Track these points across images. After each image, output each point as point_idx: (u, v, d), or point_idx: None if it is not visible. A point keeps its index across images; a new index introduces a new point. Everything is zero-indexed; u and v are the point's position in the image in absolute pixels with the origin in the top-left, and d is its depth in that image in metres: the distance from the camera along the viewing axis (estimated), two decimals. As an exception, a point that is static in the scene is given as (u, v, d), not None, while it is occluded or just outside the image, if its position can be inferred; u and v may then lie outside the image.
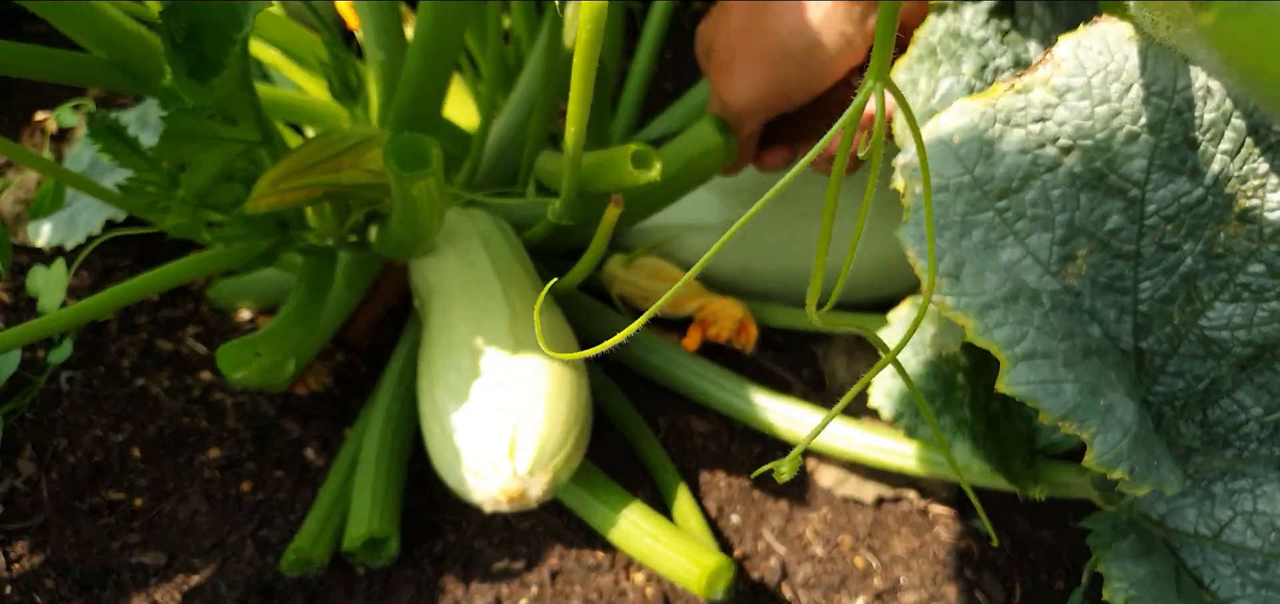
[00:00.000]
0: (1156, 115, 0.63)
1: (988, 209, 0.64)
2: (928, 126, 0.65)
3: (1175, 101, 0.63)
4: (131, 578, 0.89)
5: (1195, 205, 0.66)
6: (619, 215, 0.80)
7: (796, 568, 0.96)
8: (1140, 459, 0.62)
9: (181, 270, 0.88)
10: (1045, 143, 0.64)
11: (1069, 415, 0.60)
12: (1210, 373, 0.70)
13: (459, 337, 0.85)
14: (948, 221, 0.64)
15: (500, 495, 0.80)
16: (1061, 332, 0.63)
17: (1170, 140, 0.64)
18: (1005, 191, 0.65)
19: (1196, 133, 0.64)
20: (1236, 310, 0.67)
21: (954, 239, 0.64)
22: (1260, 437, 0.71)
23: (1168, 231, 0.66)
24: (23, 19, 1.35)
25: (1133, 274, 0.67)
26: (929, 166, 0.64)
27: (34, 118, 1.32)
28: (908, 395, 0.78)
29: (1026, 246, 0.65)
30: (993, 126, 0.64)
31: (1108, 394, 0.62)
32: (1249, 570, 0.71)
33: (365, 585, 0.91)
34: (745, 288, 1.12)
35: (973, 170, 0.64)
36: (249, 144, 0.74)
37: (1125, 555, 0.70)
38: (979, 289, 0.62)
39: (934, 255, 0.62)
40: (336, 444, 1.02)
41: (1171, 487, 0.64)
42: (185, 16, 0.66)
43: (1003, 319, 0.61)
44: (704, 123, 0.86)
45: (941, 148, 0.64)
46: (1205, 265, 0.67)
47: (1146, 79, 0.63)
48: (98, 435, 0.99)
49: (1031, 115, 0.64)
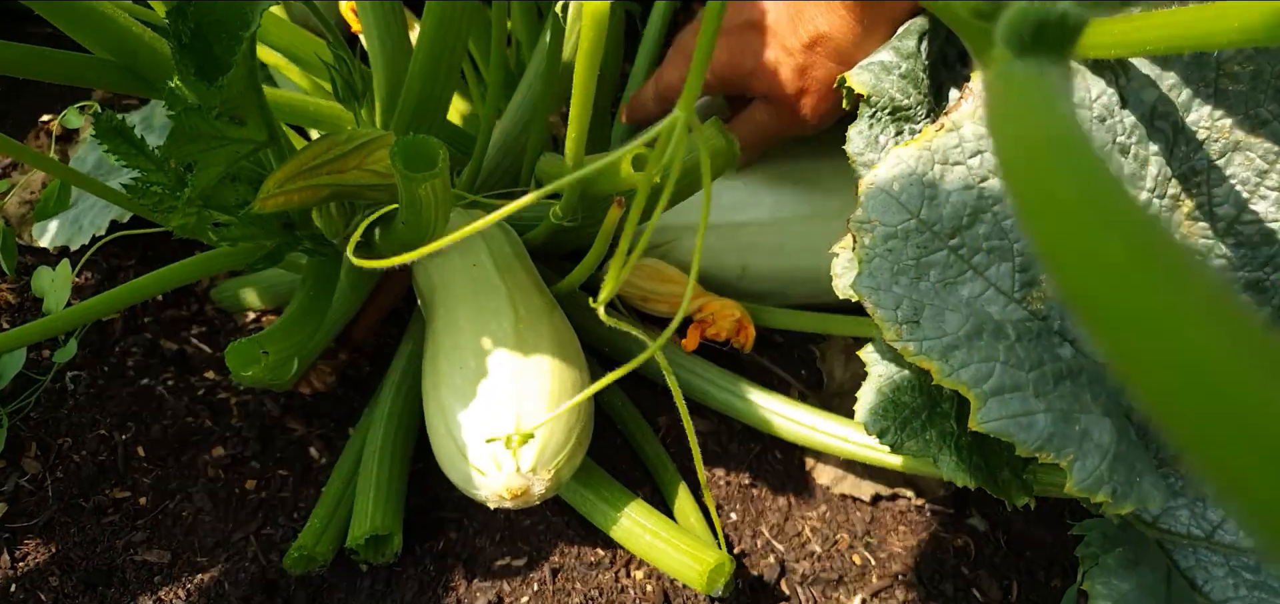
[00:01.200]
0: (1083, 128, 0.64)
1: (940, 249, 0.65)
2: (866, 179, 0.66)
3: (1095, 109, 0.64)
4: (136, 576, 0.90)
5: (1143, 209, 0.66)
6: (620, 217, 0.81)
7: (795, 565, 0.97)
8: (1121, 479, 0.63)
9: (186, 270, 0.88)
10: (988, 176, 0.64)
11: (1045, 445, 0.61)
12: None
13: (463, 336, 0.86)
14: (901, 267, 0.64)
15: (504, 493, 0.80)
16: (1029, 361, 0.63)
17: (1101, 147, 0.64)
18: (955, 229, 0.65)
19: (1123, 138, 0.64)
20: None
21: (910, 284, 0.64)
22: None
23: None
24: (27, 21, 1.36)
25: None
26: (876, 217, 0.64)
27: (39, 119, 1.32)
28: (892, 411, 0.79)
29: (987, 279, 0.65)
30: (932, 168, 0.64)
31: (1082, 418, 0.62)
32: (1241, 571, 0.72)
33: (368, 583, 0.92)
34: (744, 289, 1.13)
35: (918, 214, 0.64)
36: (256, 145, 0.74)
37: (1111, 570, 0.71)
38: (939, 331, 0.63)
39: (892, 304, 0.62)
40: (340, 443, 1.02)
41: (1154, 503, 0.64)
42: (192, 17, 0.67)
43: (967, 358, 0.61)
44: (707, 126, 0.87)
45: (883, 197, 0.65)
46: None
47: (1078, 97, 0.64)
48: (102, 434, 1.00)
49: (967, 150, 0.64)
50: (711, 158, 0.88)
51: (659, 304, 1.09)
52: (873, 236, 0.64)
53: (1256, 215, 0.65)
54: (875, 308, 0.63)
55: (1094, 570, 0.71)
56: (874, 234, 0.64)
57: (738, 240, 1.11)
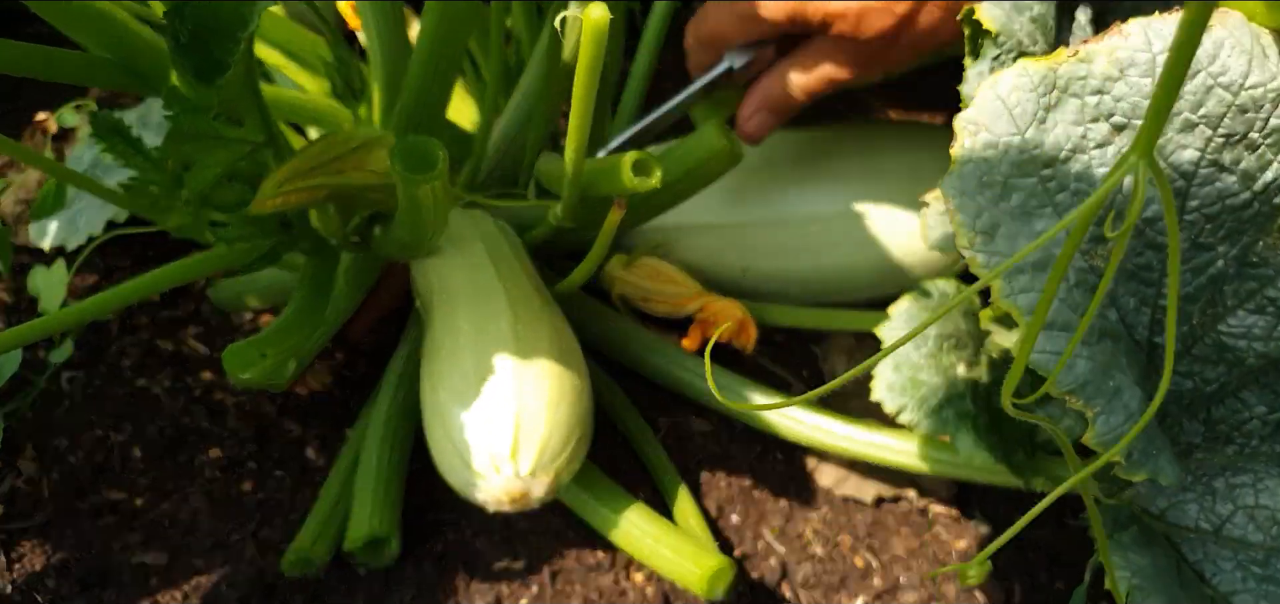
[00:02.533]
0: (1218, 108, 0.62)
1: (1032, 176, 0.64)
2: (987, 82, 0.64)
3: (1241, 98, 0.62)
4: (132, 578, 0.89)
5: (1239, 209, 0.64)
6: (621, 218, 0.81)
7: (796, 568, 0.96)
8: (1139, 446, 0.62)
9: (183, 270, 0.88)
10: (1099, 117, 0.63)
11: (1077, 390, 0.60)
12: (1220, 378, 0.70)
13: (462, 337, 0.86)
14: (989, 181, 0.63)
15: (503, 496, 0.80)
16: (1082, 308, 0.62)
17: (1227, 136, 0.63)
18: (1052, 161, 0.64)
19: (1256, 134, 0.62)
20: (1258, 322, 0.67)
21: (992, 200, 0.63)
22: (1263, 434, 0.71)
23: (1206, 230, 0.65)
24: (23, 19, 1.35)
25: (1160, 266, 0.67)
26: (984, 121, 0.63)
27: (35, 118, 1.32)
28: (909, 387, 0.78)
29: (1060, 220, 0.65)
30: (1051, 92, 0.63)
31: (1117, 377, 0.62)
32: (1250, 565, 0.71)
33: (366, 585, 0.91)
34: (745, 288, 1.12)
35: (1024, 133, 0.63)
36: (254, 145, 0.74)
37: (1128, 545, 0.70)
38: (1011, 251, 0.62)
39: (973, 215, 0.61)
40: (337, 444, 1.02)
41: (1168, 477, 0.64)
42: (190, 17, 0.67)
43: (1029, 285, 0.61)
44: (708, 127, 0.87)
45: (997, 104, 0.63)
46: (1236, 271, 0.66)
47: (1216, 68, 0.62)
48: (99, 435, 0.99)
49: (1090, 86, 0.63)
50: (712, 159, 0.88)
51: (659, 304, 1.09)
52: (975, 140, 0.63)
53: None
54: (956, 210, 0.62)
55: (1111, 544, 0.70)
56: (977, 139, 0.63)
57: (740, 240, 1.11)
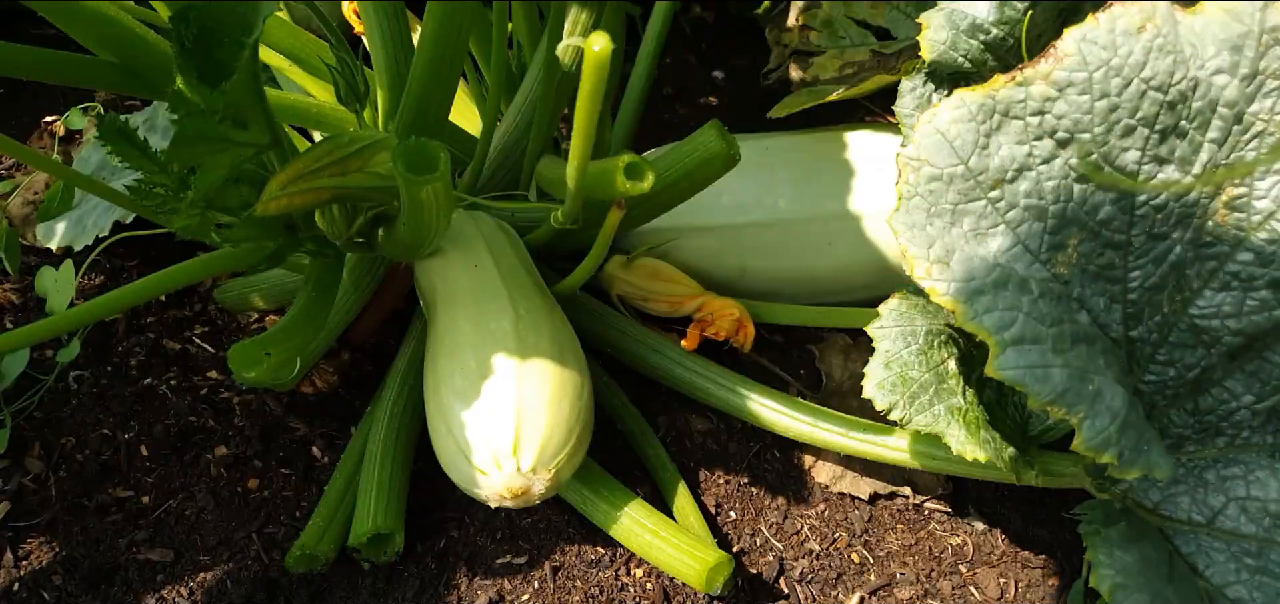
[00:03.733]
0: (1152, 109, 0.65)
1: (980, 198, 0.66)
2: (925, 116, 0.66)
3: (1170, 94, 0.65)
4: (139, 575, 0.90)
5: (1184, 194, 0.67)
6: (621, 219, 0.82)
7: (793, 563, 0.97)
8: (1129, 443, 0.63)
9: (189, 271, 0.89)
10: (1043, 135, 0.65)
11: (1058, 399, 0.62)
12: (1201, 361, 0.71)
13: (464, 337, 0.87)
14: (939, 210, 0.65)
15: (505, 492, 0.81)
16: (1050, 318, 0.64)
17: (1161, 132, 0.65)
18: (998, 182, 0.66)
19: (1185, 123, 0.65)
20: (1226, 299, 0.69)
21: (944, 227, 0.65)
22: (1252, 424, 0.72)
23: (1158, 220, 0.67)
24: (29, 21, 1.36)
25: (1123, 263, 0.69)
26: (925, 156, 0.65)
27: (43, 120, 1.33)
28: (899, 384, 0.79)
29: (1017, 235, 0.67)
30: (991, 118, 0.65)
31: (1096, 379, 0.64)
32: (1243, 556, 0.72)
33: (370, 581, 0.92)
34: (743, 288, 1.13)
35: (967, 161, 0.65)
36: (259, 148, 0.75)
37: (1114, 542, 0.71)
38: (968, 274, 0.64)
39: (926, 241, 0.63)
40: (342, 442, 1.03)
41: (1161, 471, 0.65)
42: (195, 21, 0.68)
43: (991, 305, 0.63)
44: (706, 130, 0.88)
45: (937, 138, 0.65)
46: (1194, 254, 0.68)
47: (1146, 74, 0.64)
48: (105, 434, 1.00)
49: (1030, 108, 0.65)
50: (710, 161, 0.89)
51: (659, 304, 1.10)
52: (918, 175, 0.65)
53: None
54: (908, 244, 0.64)
55: (1095, 541, 0.72)
56: (919, 173, 0.65)
57: (738, 241, 1.12)
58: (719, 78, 1.56)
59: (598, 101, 0.67)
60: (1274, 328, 0.69)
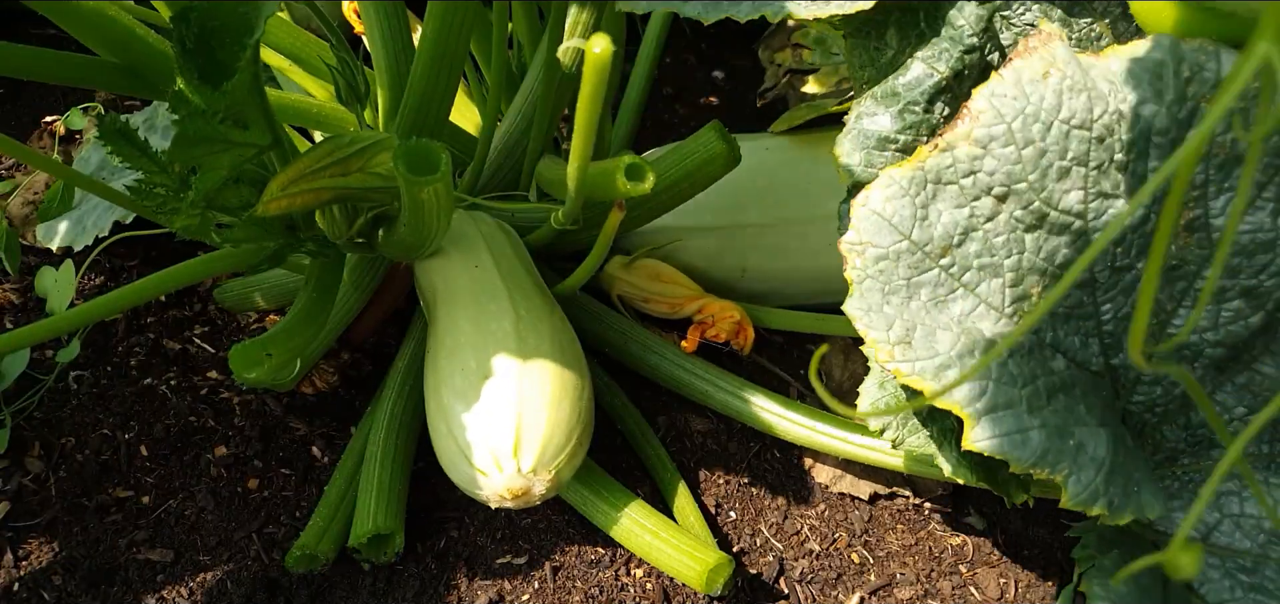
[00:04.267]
0: (1081, 146, 0.64)
1: (931, 268, 0.65)
2: (857, 202, 0.66)
3: (1095, 130, 0.64)
4: (139, 575, 0.90)
5: (1139, 225, 0.66)
6: (622, 219, 0.82)
7: (793, 564, 0.97)
8: (1118, 491, 0.63)
9: (190, 271, 0.89)
10: (980, 194, 0.65)
11: (1039, 462, 0.61)
12: None
13: (464, 337, 0.87)
14: (892, 287, 0.65)
15: (505, 493, 0.81)
16: (1022, 377, 0.63)
17: (1098, 166, 0.65)
18: (946, 248, 0.65)
19: (1120, 155, 0.65)
20: (1201, 315, 0.69)
21: (901, 303, 0.64)
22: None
23: (1119, 254, 0.67)
24: (30, 21, 1.36)
25: (1091, 299, 0.68)
26: (867, 239, 0.65)
27: (43, 120, 1.33)
28: (894, 405, 0.79)
29: (978, 296, 0.66)
30: (924, 189, 0.65)
31: (1077, 432, 0.63)
32: (1238, 573, 0.72)
33: (370, 581, 0.92)
34: (743, 289, 1.13)
35: (910, 234, 0.65)
36: (260, 148, 0.75)
37: (1108, 571, 0.71)
38: (931, 351, 0.63)
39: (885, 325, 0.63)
40: (342, 442, 1.03)
41: (1152, 511, 0.65)
42: (196, 22, 0.68)
43: (959, 378, 0.62)
44: (707, 131, 0.88)
45: (875, 219, 0.65)
46: (1164, 279, 0.68)
47: (1064, 114, 0.64)
48: (105, 434, 1.00)
49: (960, 170, 0.65)
50: (711, 161, 0.89)
51: (659, 304, 1.10)
52: (864, 258, 0.64)
53: (1252, 225, 0.66)
54: (867, 329, 0.63)
55: (1091, 572, 0.71)
56: (866, 256, 0.65)
57: (738, 242, 1.12)
58: (719, 78, 1.56)
59: (598, 102, 0.67)
60: (1253, 336, 0.69)
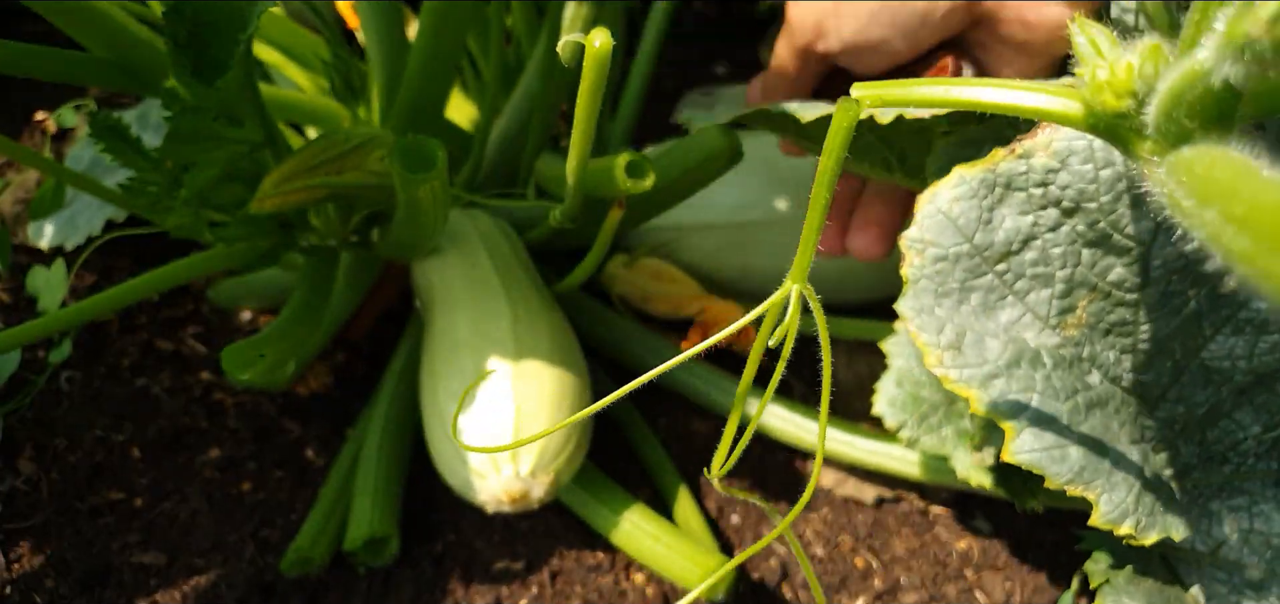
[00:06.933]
0: None
1: (987, 273, 0.64)
2: (926, 195, 0.65)
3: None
4: (132, 578, 0.89)
5: (1202, 261, 0.65)
6: (621, 218, 0.80)
7: (797, 568, 0.96)
8: (1146, 510, 0.63)
9: (183, 270, 0.88)
10: (1048, 205, 0.64)
11: (1075, 478, 0.61)
12: (1210, 399, 0.70)
13: (461, 337, 0.86)
14: (946, 290, 0.64)
15: (502, 496, 0.80)
16: (1064, 391, 0.63)
17: None
18: (1005, 254, 0.64)
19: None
20: (1238, 342, 0.68)
21: (953, 307, 0.64)
22: (1257, 452, 0.71)
23: (1173, 281, 0.66)
24: (22, 18, 1.35)
25: (1134, 318, 0.67)
26: (930, 237, 0.64)
27: (33, 117, 1.31)
28: (911, 404, 0.78)
29: (1026, 304, 0.65)
30: (993, 192, 0.64)
31: (1111, 450, 0.63)
32: (1245, 589, 0.72)
33: (365, 585, 0.91)
34: (745, 289, 1.12)
35: (972, 238, 0.64)
36: (253, 145, 0.74)
37: (1121, 588, 0.71)
38: (980, 358, 0.62)
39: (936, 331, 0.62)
40: (337, 444, 1.02)
41: (1178, 533, 0.64)
42: (189, 17, 0.66)
43: (1006, 388, 0.62)
44: (708, 128, 0.86)
45: (941, 219, 0.64)
46: (1209, 306, 0.67)
47: None
48: (98, 435, 0.99)
49: (1033, 179, 0.64)
50: (712, 158, 0.88)
51: (660, 305, 1.09)
52: (923, 257, 0.63)
53: None
54: (919, 331, 0.62)
55: (1105, 590, 0.71)
56: (925, 255, 0.64)
57: (740, 240, 1.10)
58: (721, 73, 1.55)
59: (598, 98, 0.65)
60: (1282, 368, 0.68)
